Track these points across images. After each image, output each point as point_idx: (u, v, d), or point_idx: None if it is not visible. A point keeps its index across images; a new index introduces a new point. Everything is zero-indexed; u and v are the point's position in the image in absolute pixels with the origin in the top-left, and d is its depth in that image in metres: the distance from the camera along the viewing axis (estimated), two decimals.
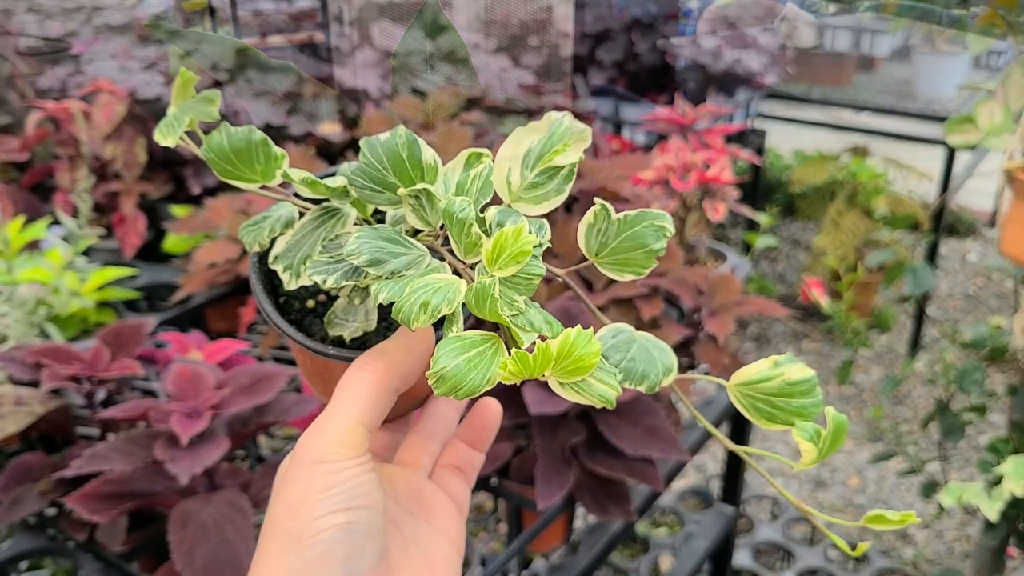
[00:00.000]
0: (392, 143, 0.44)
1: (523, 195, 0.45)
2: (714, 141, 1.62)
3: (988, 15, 1.67)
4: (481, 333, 0.40)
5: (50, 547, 1.01)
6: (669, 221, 0.45)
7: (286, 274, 0.46)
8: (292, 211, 0.47)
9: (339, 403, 0.43)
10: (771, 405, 0.43)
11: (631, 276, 0.46)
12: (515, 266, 0.40)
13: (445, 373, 0.38)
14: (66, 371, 1.01)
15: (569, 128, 0.45)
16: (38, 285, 1.22)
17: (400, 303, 0.40)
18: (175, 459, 0.87)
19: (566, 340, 0.38)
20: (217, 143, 0.44)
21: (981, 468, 1.57)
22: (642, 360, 0.45)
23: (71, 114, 1.48)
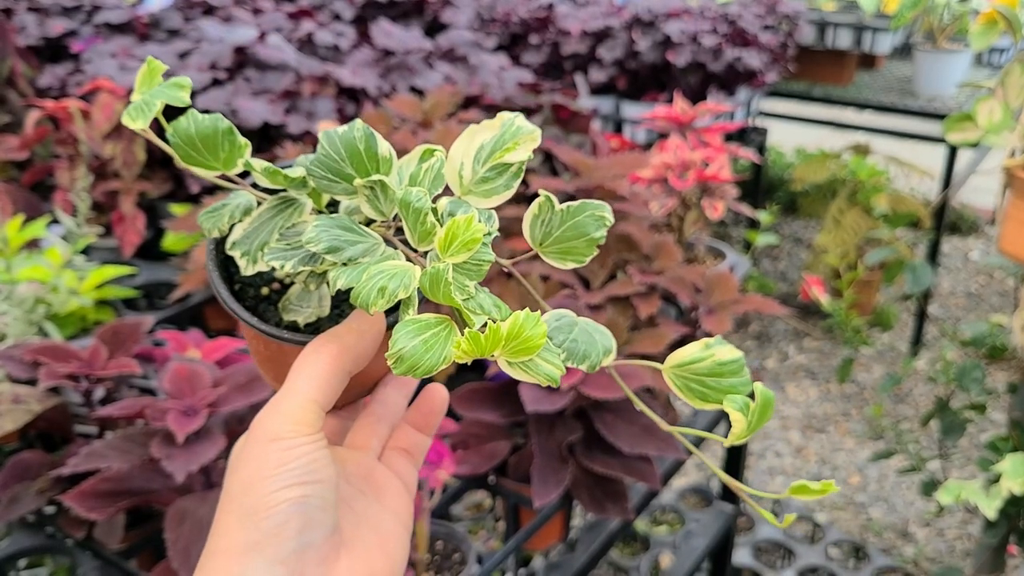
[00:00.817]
0: (350, 136, 0.46)
1: (474, 189, 0.47)
2: (713, 139, 1.62)
3: (989, 13, 1.67)
4: (435, 316, 0.42)
5: (48, 545, 1.02)
6: (608, 211, 0.48)
7: (243, 259, 0.47)
8: (250, 199, 0.48)
9: (294, 383, 0.45)
10: (703, 385, 0.46)
11: (573, 264, 0.48)
12: (466, 253, 0.42)
13: (403, 353, 0.40)
14: (64, 369, 1.02)
15: (520, 128, 0.47)
16: (37, 283, 1.22)
17: (358, 288, 0.42)
18: (171, 457, 0.87)
19: (515, 322, 0.41)
20: (184, 129, 0.45)
21: (981, 466, 1.56)
22: (583, 341, 0.48)
23: (70, 113, 1.48)
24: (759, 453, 2.63)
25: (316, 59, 1.88)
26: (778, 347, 3.11)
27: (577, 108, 1.54)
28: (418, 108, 1.49)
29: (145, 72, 0.47)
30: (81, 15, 2.04)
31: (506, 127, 0.47)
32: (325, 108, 1.63)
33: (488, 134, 0.48)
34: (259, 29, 1.90)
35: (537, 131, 0.48)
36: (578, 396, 1.07)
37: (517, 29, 2.69)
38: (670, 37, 2.44)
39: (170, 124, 0.45)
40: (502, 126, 0.48)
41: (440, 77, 1.84)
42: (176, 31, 1.98)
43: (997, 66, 3.25)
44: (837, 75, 3.21)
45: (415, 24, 2.56)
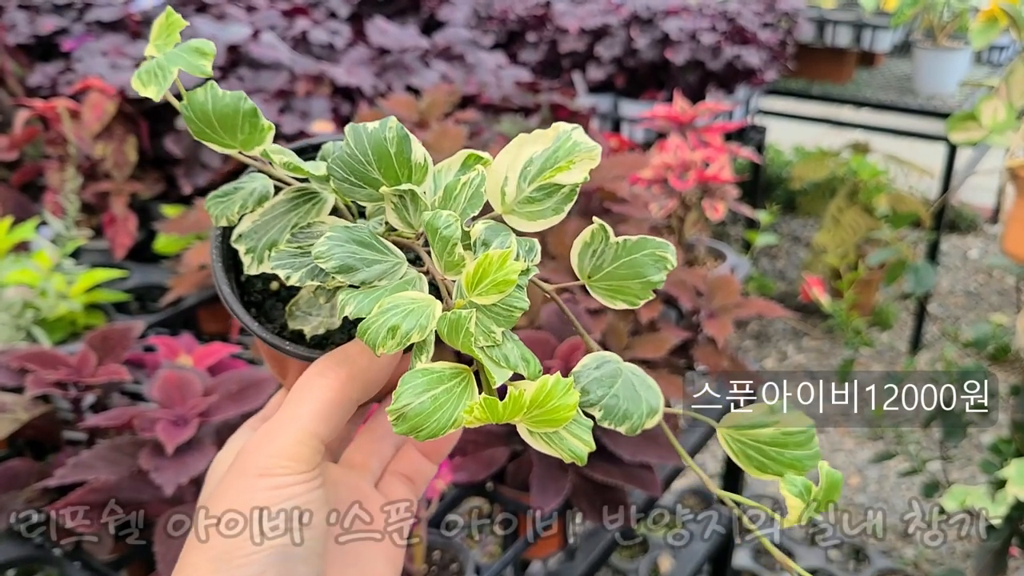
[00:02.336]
0: (380, 135, 0.40)
1: (517, 208, 0.42)
2: (713, 139, 1.60)
3: (989, 10, 1.65)
4: (451, 366, 0.37)
5: (37, 555, 1.00)
6: (672, 252, 0.42)
7: (247, 257, 0.42)
8: (267, 185, 0.43)
9: (292, 411, 0.40)
10: (763, 454, 0.41)
11: (623, 305, 0.43)
12: (497, 295, 0.37)
13: (407, 411, 0.35)
14: (52, 377, 0.99)
15: (577, 144, 0.41)
16: (25, 287, 1.20)
17: (367, 323, 0.37)
18: (160, 469, 0.85)
19: (542, 388, 0.36)
20: (200, 104, 0.40)
21: (984, 469, 1.55)
22: (626, 398, 0.42)
23: (59, 113, 1.46)
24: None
25: (311, 58, 1.86)
26: (777, 346, 3.10)
27: (576, 108, 1.52)
28: (414, 108, 1.47)
29: (163, 23, 0.41)
30: (72, 13, 2.01)
31: (560, 141, 0.42)
32: (320, 108, 1.61)
33: (539, 147, 0.42)
34: (253, 27, 1.88)
35: (597, 149, 0.41)
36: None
37: (514, 26, 2.67)
38: (669, 35, 2.42)
39: (186, 95, 0.40)
40: (556, 139, 0.42)
41: (437, 76, 1.82)
42: None
43: (997, 64, 3.23)
44: (836, 73, 3.19)
45: (411, 21, 2.54)
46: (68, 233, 1.31)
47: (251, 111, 0.41)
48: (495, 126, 1.43)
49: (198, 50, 0.40)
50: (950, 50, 2.95)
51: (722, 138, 1.65)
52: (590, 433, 0.39)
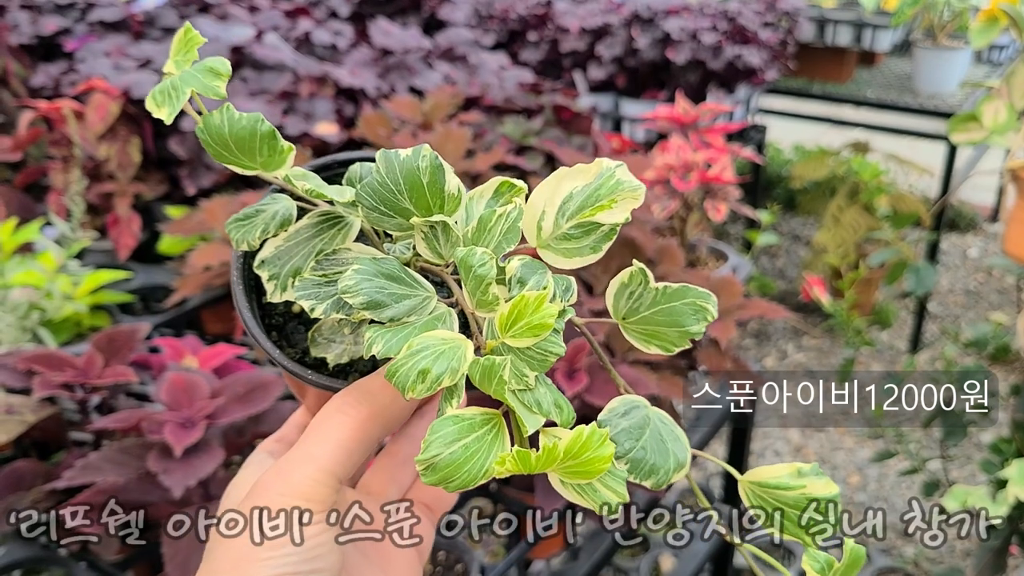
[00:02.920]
0: (413, 165, 0.38)
1: (553, 244, 0.40)
2: (715, 140, 1.60)
3: (989, 10, 1.65)
4: (481, 411, 0.36)
5: (44, 556, 1.00)
6: (713, 303, 0.41)
7: (271, 283, 0.41)
8: (289, 208, 0.42)
9: (309, 448, 0.38)
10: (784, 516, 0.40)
11: (656, 351, 0.42)
12: (532, 339, 0.35)
13: (438, 462, 0.34)
14: (58, 378, 1.00)
15: (620, 182, 0.40)
16: (31, 289, 1.20)
17: (396, 365, 0.35)
18: (169, 471, 0.85)
19: (577, 439, 0.34)
20: (216, 127, 0.39)
21: (984, 469, 1.55)
22: (653, 451, 0.40)
23: (64, 114, 1.46)
24: (759, 452, 2.62)
25: (314, 59, 1.86)
26: (777, 345, 3.10)
27: (578, 109, 1.52)
28: (418, 109, 1.47)
29: (181, 39, 0.40)
30: (75, 13, 2.02)
31: (603, 178, 0.40)
32: (323, 109, 1.61)
33: (579, 181, 0.40)
34: (256, 28, 1.88)
35: (642, 188, 0.40)
36: (582, 404, 1.05)
37: (515, 26, 2.67)
38: (670, 34, 2.42)
39: (201, 118, 0.39)
40: (598, 176, 0.40)
41: (439, 77, 1.82)
42: (171, 29, 1.96)
43: (997, 63, 3.23)
44: (836, 72, 3.19)
45: (412, 21, 2.54)
46: (73, 234, 1.31)
47: (269, 133, 0.40)
48: (498, 128, 1.44)
49: (212, 70, 0.40)
50: (950, 49, 2.95)
51: (724, 139, 1.66)
52: (624, 485, 0.37)
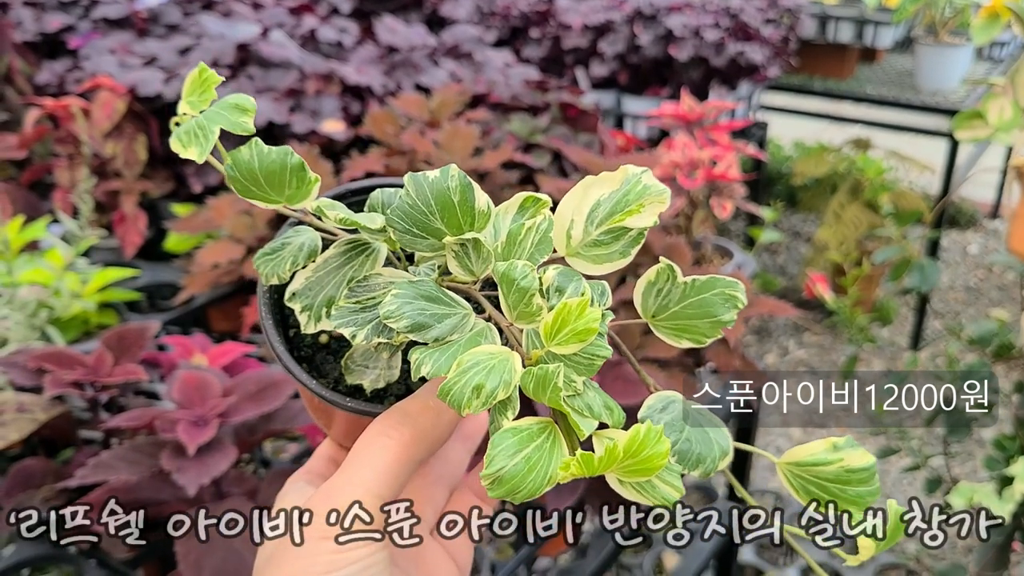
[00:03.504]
0: (443, 185, 0.39)
1: (582, 251, 0.41)
2: (720, 137, 1.60)
3: (991, 7, 1.66)
4: (537, 421, 0.36)
5: (53, 554, 1.00)
6: (742, 291, 0.41)
7: (304, 315, 0.41)
8: (314, 239, 0.42)
9: (354, 472, 0.38)
10: (824, 491, 0.41)
11: (688, 344, 0.42)
12: (578, 344, 0.36)
13: (503, 475, 0.34)
14: (69, 377, 1.00)
15: (647, 187, 0.41)
16: (39, 287, 1.20)
17: (449, 384, 0.36)
18: (182, 469, 0.85)
19: (635, 438, 0.35)
20: (246, 163, 0.39)
21: (988, 466, 1.56)
22: (697, 442, 0.41)
23: (70, 112, 1.46)
24: (761, 449, 2.62)
25: (320, 56, 1.86)
26: (778, 342, 3.11)
27: (584, 106, 1.52)
28: (425, 107, 1.47)
29: (195, 79, 0.40)
30: (78, 10, 2.01)
31: (629, 184, 0.41)
32: (330, 107, 1.61)
33: (606, 189, 0.41)
34: (261, 25, 1.88)
35: (667, 192, 0.41)
36: None
37: (517, 22, 2.67)
38: (672, 31, 2.42)
39: (229, 155, 0.39)
40: (624, 182, 0.41)
41: (445, 74, 1.82)
42: (175, 26, 1.96)
43: (998, 60, 3.23)
44: (838, 69, 3.19)
45: (415, 17, 2.54)
46: (81, 232, 1.31)
47: (298, 165, 0.40)
48: (505, 125, 1.44)
49: (238, 107, 0.40)
50: (952, 46, 2.95)
51: (729, 136, 1.66)
52: (679, 479, 0.38)
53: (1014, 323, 1.94)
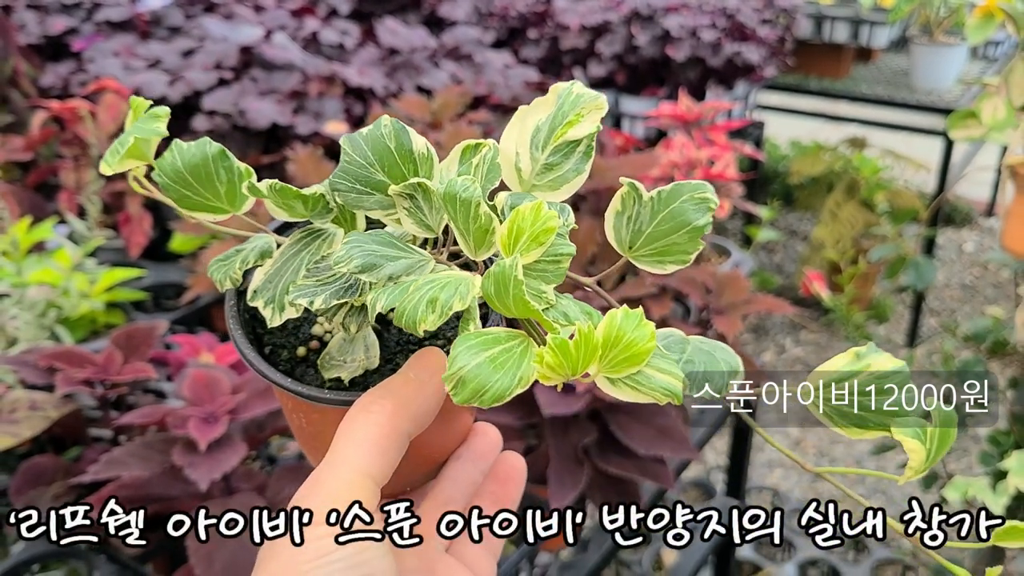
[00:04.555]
0: (376, 133, 0.38)
1: (537, 182, 0.39)
2: (718, 137, 1.62)
3: (986, 6, 1.67)
4: (506, 330, 0.34)
5: (63, 550, 1.02)
6: (711, 191, 0.39)
7: (268, 309, 0.39)
8: (268, 241, 0.41)
9: (340, 452, 0.36)
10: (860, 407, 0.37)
11: (674, 266, 0.39)
12: (538, 248, 0.34)
13: (465, 374, 0.32)
14: (80, 375, 1.02)
15: (580, 96, 0.39)
16: (48, 287, 1.22)
17: (403, 305, 0.34)
18: (194, 465, 0.87)
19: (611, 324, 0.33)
20: (169, 163, 0.38)
21: (982, 461, 1.58)
22: (701, 361, 0.39)
23: (77, 114, 1.48)
24: (758, 446, 2.64)
25: (322, 58, 1.88)
26: (775, 340, 3.12)
27: None
28: (427, 108, 1.49)
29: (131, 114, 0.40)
30: (81, 12, 2.03)
31: (562, 98, 0.40)
32: (332, 108, 1.63)
33: (542, 112, 0.40)
34: (263, 27, 1.89)
35: (602, 97, 0.39)
36: (593, 398, 1.07)
37: (515, 23, 2.69)
38: (669, 31, 2.44)
39: (155, 162, 0.38)
40: (557, 98, 0.40)
41: (446, 76, 1.83)
42: (178, 29, 1.97)
43: (993, 59, 3.25)
44: (833, 68, 3.21)
45: (413, 18, 2.55)
46: (89, 233, 1.33)
47: (219, 153, 0.39)
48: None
49: (152, 115, 0.39)
50: (947, 46, 2.97)
51: (726, 136, 1.68)
52: (676, 364, 0.35)
53: (1009, 320, 1.96)
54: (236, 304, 0.43)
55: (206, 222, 0.40)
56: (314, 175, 1.30)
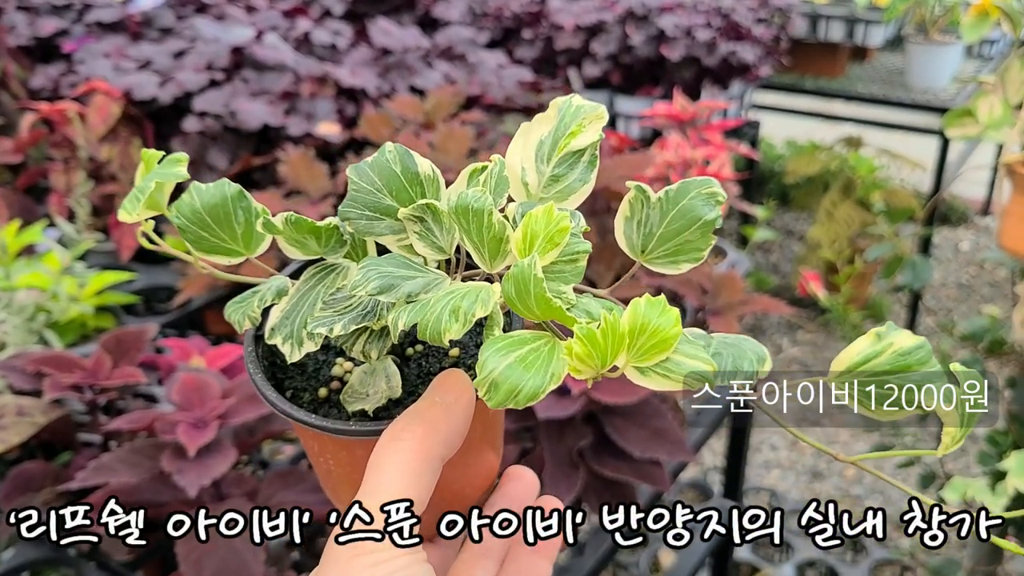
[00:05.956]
0: (381, 159, 0.39)
1: (544, 194, 0.40)
2: (713, 137, 1.61)
3: (981, 4, 1.67)
4: (531, 332, 0.34)
5: (53, 556, 1.01)
6: (718, 185, 0.39)
7: (287, 345, 0.40)
8: (284, 281, 0.41)
9: (375, 481, 0.35)
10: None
11: (688, 264, 0.39)
12: (554, 249, 0.34)
13: (496, 377, 0.32)
14: (68, 380, 1.00)
15: (580, 107, 0.40)
16: (36, 291, 1.20)
17: (425, 318, 0.34)
18: (183, 471, 0.86)
19: (636, 312, 0.33)
20: (188, 204, 0.39)
21: (980, 461, 1.57)
22: (728, 352, 0.38)
23: (66, 116, 1.47)
24: (755, 447, 2.64)
25: (314, 59, 1.86)
26: (771, 340, 3.12)
27: None
28: (419, 109, 1.48)
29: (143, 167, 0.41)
30: (72, 14, 2.01)
31: (563, 112, 0.40)
32: (325, 109, 1.62)
33: (545, 126, 0.41)
34: (255, 28, 1.88)
35: (602, 107, 0.40)
36: (588, 401, 1.06)
37: (510, 23, 2.68)
38: (664, 31, 2.43)
39: (173, 205, 0.39)
40: (558, 112, 0.40)
41: (439, 76, 1.82)
42: (169, 30, 1.96)
43: (988, 58, 3.25)
44: (829, 67, 3.21)
45: (407, 19, 2.54)
46: (78, 236, 1.31)
47: (237, 194, 0.40)
48: (499, 126, 1.45)
49: (171, 160, 0.40)
50: (942, 44, 2.97)
51: (722, 136, 1.67)
52: (704, 350, 0.35)
53: (1006, 319, 1.95)
54: (255, 349, 0.43)
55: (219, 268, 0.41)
56: (305, 176, 1.29)
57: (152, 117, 1.62)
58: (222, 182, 0.40)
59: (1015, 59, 1.51)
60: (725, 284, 1.25)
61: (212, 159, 1.51)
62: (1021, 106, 1.50)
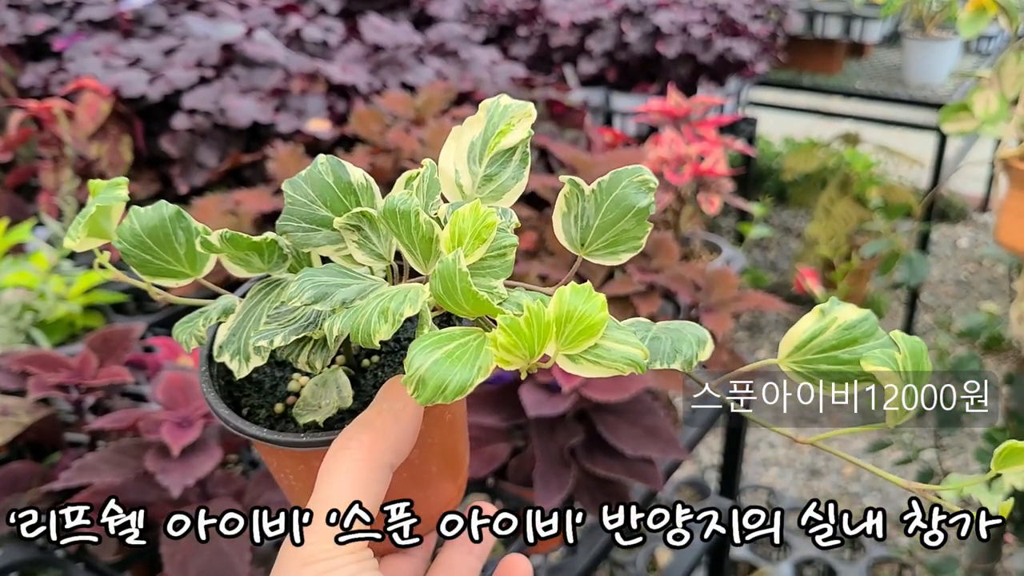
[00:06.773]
0: (314, 172, 0.39)
1: (479, 194, 0.40)
2: (708, 133, 1.60)
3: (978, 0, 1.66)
4: (461, 328, 0.35)
5: (40, 557, 1.00)
6: (648, 172, 0.40)
7: (234, 361, 0.40)
8: (232, 300, 0.42)
9: (324, 489, 0.35)
10: (836, 362, 0.37)
11: (627, 254, 0.40)
12: (482, 245, 0.34)
13: (423, 374, 0.32)
14: (53, 379, 0.99)
15: (508, 107, 0.41)
16: (23, 290, 1.19)
17: (356, 320, 0.34)
18: (166, 471, 0.85)
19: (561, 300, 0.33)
20: (128, 228, 0.39)
21: (978, 458, 1.56)
22: (668, 337, 0.39)
23: (54, 114, 1.46)
24: (753, 444, 2.63)
25: (305, 55, 1.85)
26: (769, 337, 3.11)
27: (571, 103, 1.52)
28: (410, 105, 1.47)
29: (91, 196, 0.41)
30: (63, 12, 2.00)
31: (492, 112, 0.41)
32: (315, 106, 1.61)
33: (476, 128, 0.41)
34: (246, 25, 1.87)
35: (529, 104, 0.40)
36: (580, 399, 1.05)
37: (505, 21, 2.67)
38: (660, 28, 2.42)
39: (116, 230, 0.39)
40: (487, 113, 0.41)
41: (431, 72, 1.81)
42: (160, 27, 1.95)
43: (985, 53, 3.24)
44: (826, 64, 3.20)
45: (402, 16, 2.53)
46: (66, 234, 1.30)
47: (175, 214, 0.40)
48: None
49: (113, 184, 0.41)
50: (939, 40, 2.96)
51: (716, 132, 1.66)
52: (634, 335, 0.35)
53: (1004, 316, 1.94)
54: (208, 369, 0.44)
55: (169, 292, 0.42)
56: (295, 174, 1.28)
57: (141, 115, 1.61)
58: (159, 204, 0.40)
59: (1011, 53, 1.50)
60: (718, 281, 1.24)
61: (201, 156, 1.50)
62: (1017, 101, 1.49)
